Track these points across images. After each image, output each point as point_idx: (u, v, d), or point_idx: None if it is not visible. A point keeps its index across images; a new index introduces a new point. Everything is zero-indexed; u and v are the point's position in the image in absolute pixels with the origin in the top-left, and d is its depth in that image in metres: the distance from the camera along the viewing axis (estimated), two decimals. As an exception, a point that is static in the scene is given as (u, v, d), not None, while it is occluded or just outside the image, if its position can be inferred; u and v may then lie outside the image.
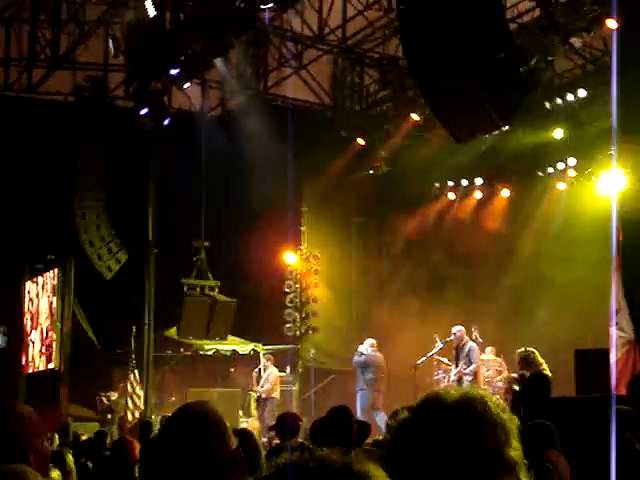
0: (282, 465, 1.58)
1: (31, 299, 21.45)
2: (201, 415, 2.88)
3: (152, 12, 17.04)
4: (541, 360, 12.77)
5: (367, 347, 17.84)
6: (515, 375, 13.41)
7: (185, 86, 18.66)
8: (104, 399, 19.22)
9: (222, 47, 17.00)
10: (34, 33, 19.59)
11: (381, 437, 7.90)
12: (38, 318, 21.09)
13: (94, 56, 19.86)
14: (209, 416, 2.88)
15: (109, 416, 18.88)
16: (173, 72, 17.53)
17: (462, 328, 16.18)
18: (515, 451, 1.94)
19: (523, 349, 12.95)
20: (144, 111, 18.66)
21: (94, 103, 19.50)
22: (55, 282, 20.17)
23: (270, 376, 18.75)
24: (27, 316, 21.53)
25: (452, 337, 16.13)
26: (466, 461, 1.88)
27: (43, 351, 20.73)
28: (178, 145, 18.63)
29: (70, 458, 6.10)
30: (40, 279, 21.10)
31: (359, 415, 15.39)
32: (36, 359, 21.06)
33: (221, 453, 2.78)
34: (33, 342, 21.19)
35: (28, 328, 21.44)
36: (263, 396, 18.58)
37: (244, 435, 5.30)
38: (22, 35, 19.67)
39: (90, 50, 19.66)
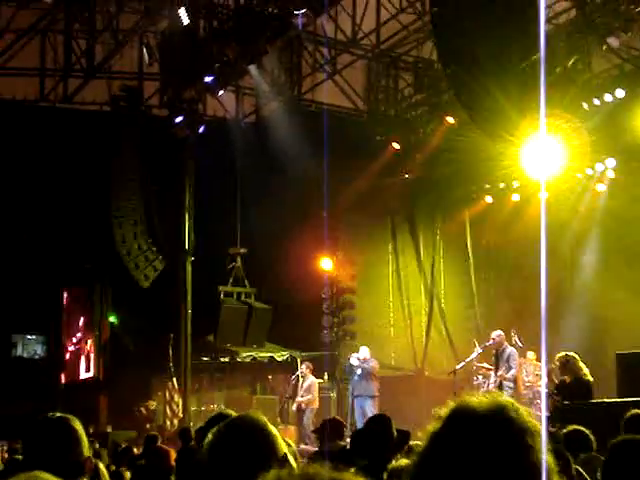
0: None
1: (69, 308, 21.55)
2: (250, 426, 2.87)
3: (186, 20, 17.09)
4: (581, 365, 12.57)
5: (368, 354, 17.85)
6: (555, 380, 13.23)
7: (219, 93, 18.69)
8: (142, 409, 19.24)
9: (256, 54, 17.00)
10: (69, 43, 19.70)
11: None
12: (76, 327, 21.19)
13: (129, 65, 19.95)
14: (258, 426, 2.86)
15: (148, 426, 18.88)
16: (207, 79, 17.56)
17: (501, 333, 15.96)
18: (549, 458, 1.88)
19: (563, 354, 12.75)
20: (179, 119, 18.70)
21: (129, 112, 19.57)
22: (93, 291, 20.25)
23: (312, 387, 18.61)
24: (65, 325, 21.63)
25: (491, 342, 15.92)
26: (503, 471, 1.81)
27: (81, 360, 20.82)
28: (213, 152, 18.63)
29: (102, 466, 6.06)
30: (78, 288, 21.20)
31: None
32: (74, 368, 21.13)
33: (271, 462, 2.76)
34: (71, 351, 21.29)
35: (66, 337, 21.54)
36: (303, 406, 18.47)
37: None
38: (57, 45, 19.80)
39: (125, 59, 19.74)
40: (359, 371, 17.83)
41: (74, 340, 21.13)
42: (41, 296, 20.31)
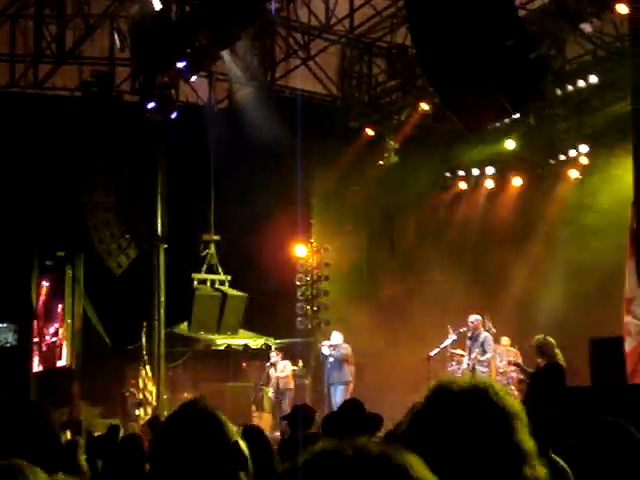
0: (319, 451, 1.48)
1: (41, 296, 21.40)
2: (194, 412, 2.82)
3: (158, 5, 16.95)
4: (557, 350, 12.66)
5: (340, 340, 18.00)
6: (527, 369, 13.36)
7: (192, 79, 18.58)
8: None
9: (228, 39, 16.92)
10: (39, 29, 19.52)
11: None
12: (48, 315, 21.05)
13: (100, 51, 19.78)
14: (202, 413, 2.81)
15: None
16: (180, 65, 17.45)
17: (479, 317, 16.12)
18: (529, 440, 1.90)
19: (541, 336, 12.87)
20: (151, 105, 18.58)
21: (101, 98, 19.42)
22: (65, 279, 20.11)
23: (287, 367, 18.86)
24: (37, 313, 21.48)
25: (469, 324, 16.06)
26: (484, 451, 1.84)
27: (54, 348, 20.69)
28: (186, 138, 18.53)
29: (82, 458, 6.03)
30: (50, 276, 21.05)
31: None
32: (47, 357, 21.01)
33: (219, 448, 2.72)
34: (44, 339, 21.15)
35: (38, 325, 21.39)
36: (281, 386, 18.60)
37: (252, 433, 5.22)
38: (27, 31, 19.59)
39: (96, 45, 19.58)
40: (331, 359, 17.97)
41: (51, 329, 20.97)
42: (12, 284, 20.16)
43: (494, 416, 1.86)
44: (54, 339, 20.69)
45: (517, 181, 20.71)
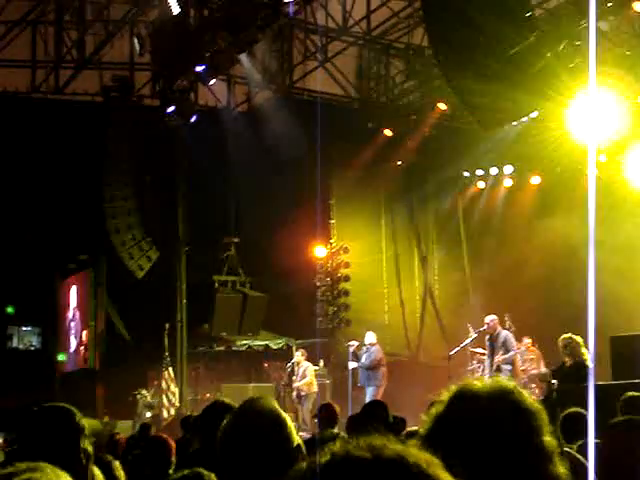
0: (337, 453, 1.50)
1: (65, 299, 21.56)
2: (266, 412, 2.85)
3: (176, 9, 17.06)
4: (583, 350, 12.61)
5: (373, 339, 17.85)
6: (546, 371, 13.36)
7: (211, 82, 18.67)
8: (147, 396, 19.19)
9: (247, 42, 16.99)
10: (60, 34, 19.67)
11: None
12: (72, 318, 21.20)
13: (120, 56, 19.91)
14: (270, 414, 2.85)
15: (148, 414, 18.83)
16: (199, 69, 17.54)
17: (495, 317, 15.98)
18: (551, 439, 1.92)
19: (567, 335, 12.83)
20: (171, 109, 18.69)
21: (121, 102, 19.55)
22: (88, 282, 20.26)
23: (307, 371, 18.72)
24: (61, 316, 21.65)
25: (485, 327, 15.95)
26: (508, 452, 1.86)
27: (78, 350, 20.84)
28: (206, 142, 18.63)
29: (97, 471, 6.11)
30: (73, 279, 21.21)
31: None
32: (71, 359, 21.16)
33: (283, 450, 2.76)
34: (67, 342, 21.31)
35: (62, 328, 21.55)
36: (302, 393, 18.51)
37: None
38: (48, 37, 19.76)
39: (116, 50, 19.71)
40: (360, 369, 17.91)
41: (75, 332, 21.13)
42: (36, 287, 20.32)
43: (517, 417, 1.89)
44: (78, 341, 20.84)
45: (535, 179, 20.71)
